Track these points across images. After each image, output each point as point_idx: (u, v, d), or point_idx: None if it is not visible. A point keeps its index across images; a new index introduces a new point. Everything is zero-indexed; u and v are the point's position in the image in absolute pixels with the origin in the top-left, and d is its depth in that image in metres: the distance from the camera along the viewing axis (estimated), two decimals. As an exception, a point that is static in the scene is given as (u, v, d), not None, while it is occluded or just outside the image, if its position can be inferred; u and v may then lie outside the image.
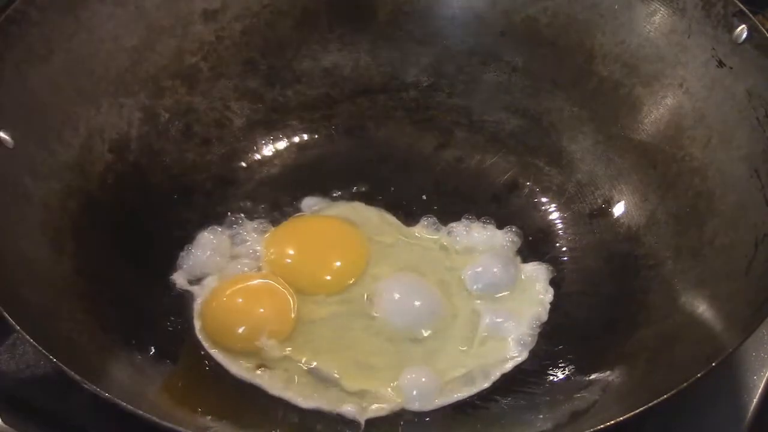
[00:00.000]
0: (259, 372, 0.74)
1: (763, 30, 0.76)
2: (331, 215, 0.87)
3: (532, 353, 0.77)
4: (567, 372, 0.75)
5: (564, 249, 0.85)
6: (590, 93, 0.89)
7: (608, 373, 0.72)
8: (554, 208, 0.89)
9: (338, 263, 0.82)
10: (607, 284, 0.81)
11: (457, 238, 0.85)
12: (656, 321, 0.74)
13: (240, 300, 0.78)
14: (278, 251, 0.82)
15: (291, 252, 0.83)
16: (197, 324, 0.77)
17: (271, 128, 0.94)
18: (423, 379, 0.73)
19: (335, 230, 0.85)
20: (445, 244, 0.85)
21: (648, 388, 0.65)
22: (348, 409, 0.71)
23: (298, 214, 0.87)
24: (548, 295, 0.81)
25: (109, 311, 0.73)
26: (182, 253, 0.82)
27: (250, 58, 0.93)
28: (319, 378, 0.74)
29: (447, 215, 0.87)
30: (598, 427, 0.59)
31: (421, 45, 0.95)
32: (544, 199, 0.89)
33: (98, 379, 0.61)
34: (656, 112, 0.84)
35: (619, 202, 0.86)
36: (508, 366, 0.76)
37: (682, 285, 0.75)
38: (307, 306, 0.78)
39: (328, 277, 0.81)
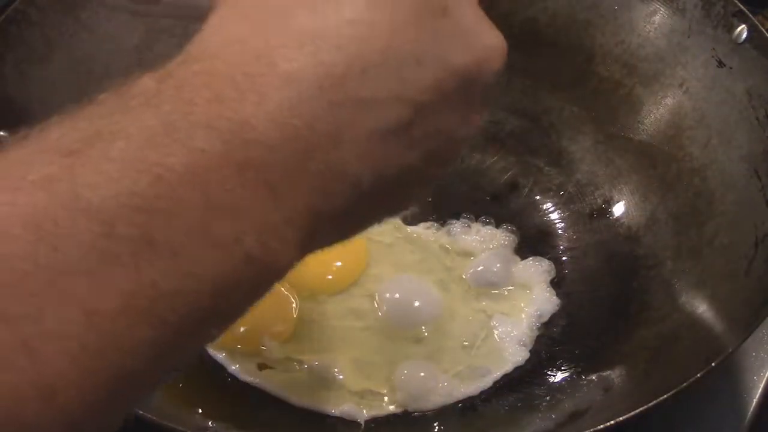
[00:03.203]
0: (259, 372, 0.74)
1: (763, 30, 0.76)
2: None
3: (532, 353, 0.77)
4: (567, 372, 0.75)
5: (564, 249, 0.85)
6: (590, 93, 0.89)
7: (608, 373, 0.72)
8: (554, 208, 0.89)
9: (338, 263, 0.82)
10: (607, 284, 0.81)
11: (456, 238, 0.85)
12: (656, 321, 0.74)
13: (240, 300, 0.78)
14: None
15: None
16: (197, 324, 0.77)
17: (271, 128, 0.93)
18: (423, 379, 0.73)
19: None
20: (444, 243, 0.85)
21: (648, 388, 0.65)
22: (348, 409, 0.72)
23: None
24: (548, 295, 0.81)
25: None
26: (182, 253, 0.82)
27: (250, 58, 0.93)
28: (319, 378, 0.74)
29: (446, 215, 0.87)
30: (598, 427, 0.59)
31: (421, 45, 0.95)
32: (544, 199, 0.89)
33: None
34: (656, 112, 0.84)
35: (619, 202, 0.86)
36: (508, 366, 0.76)
37: (682, 285, 0.75)
38: (307, 305, 0.78)
39: (329, 277, 0.81)
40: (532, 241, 0.86)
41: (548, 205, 0.89)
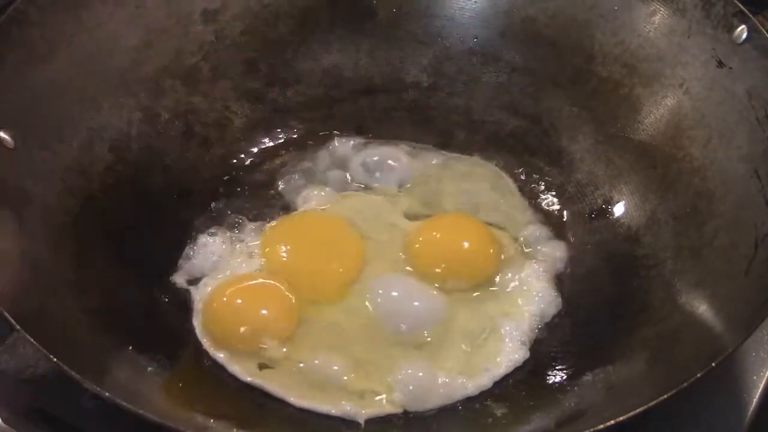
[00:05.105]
0: (259, 372, 0.74)
1: (763, 30, 0.76)
2: (326, 213, 0.87)
3: (533, 353, 0.77)
4: (567, 372, 0.75)
5: (564, 249, 0.85)
6: (590, 93, 0.89)
7: (609, 372, 0.72)
8: (554, 208, 0.89)
9: (334, 268, 0.82)
10: (607, 284, 0.81)
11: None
12: (656, 321, 0.74)
13: (242, 300, 0.78)
14: (275, 253, 0.82)
15: (289, 255, 0.82)
16: (197, 324, 0.77)
17: (271, 128, 0.94)
18: (423, 379, 0.73)
19: (330, 230, 0.85)
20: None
21: (648, 388, 0.65)
22: (348, 408, 0.71)
23: (297, 212, 0.87)
24: (551, 295, 0.81)
25: (110, 311, 0.73)
26: (182, 253, 0.82)
27: (250, 58, 0.93)
28: (318, 377, 0.74)
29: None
30: (598, 427, 0.59)
31: (421, 45, 0.96)
32: (544, 199, 0.89)
33: (98, 378, 0.61)
34: (656, 112, 0.84)
35: (619, 202, 0.86)
36: (509, 366, 0.76)
37: (682, 285, 0.75)
38: (306, 305, 0.78)
39: (327, 283, 0.81)
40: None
41: (548, 206, 0.89)
